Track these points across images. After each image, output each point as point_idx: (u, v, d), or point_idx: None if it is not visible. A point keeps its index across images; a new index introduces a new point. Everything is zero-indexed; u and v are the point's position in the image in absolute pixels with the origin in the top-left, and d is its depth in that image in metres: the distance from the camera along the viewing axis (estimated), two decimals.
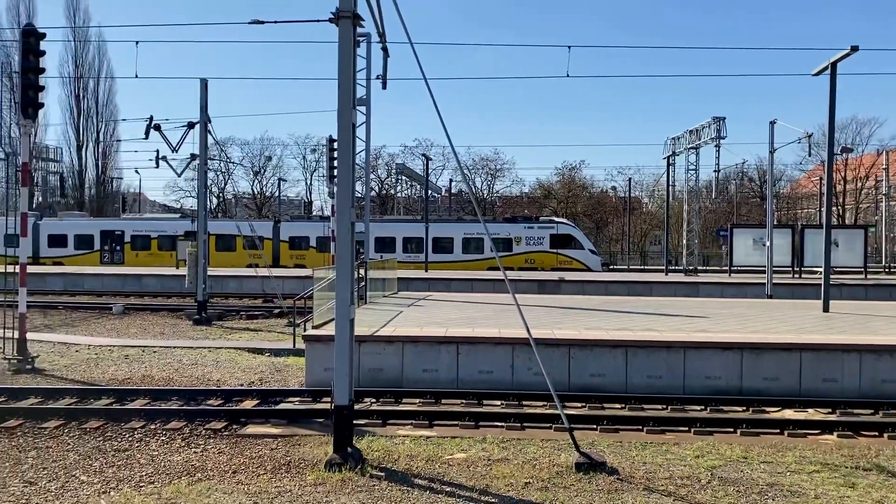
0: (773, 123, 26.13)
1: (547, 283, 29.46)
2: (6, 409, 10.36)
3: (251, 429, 9.84)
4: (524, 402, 11.22)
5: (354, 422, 8.90)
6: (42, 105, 15.15)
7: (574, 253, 39.92)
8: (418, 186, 65.15)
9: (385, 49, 11.32)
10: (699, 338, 12.41)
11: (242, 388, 12.22)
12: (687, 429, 9.97)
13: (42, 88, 14.99)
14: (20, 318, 14.63)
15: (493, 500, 7.26)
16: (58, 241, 43.17)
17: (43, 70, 14.91)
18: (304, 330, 13.63)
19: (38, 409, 10.40)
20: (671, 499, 7.36)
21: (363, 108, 9.07)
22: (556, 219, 45.13)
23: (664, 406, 11.14)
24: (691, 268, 36.85)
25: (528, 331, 8.97)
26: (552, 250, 39.83)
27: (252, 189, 73.87)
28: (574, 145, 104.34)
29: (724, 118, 33.40)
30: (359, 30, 8.68)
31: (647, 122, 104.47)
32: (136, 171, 65.93)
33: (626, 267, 52.66)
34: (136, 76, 25.43)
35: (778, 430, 9.96)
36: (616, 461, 8.51)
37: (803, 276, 33.15)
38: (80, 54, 64.39)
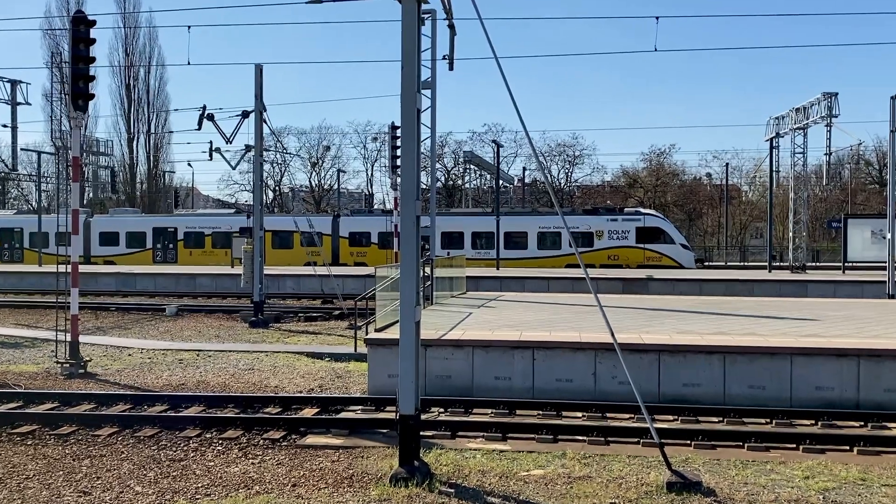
0: (894, 98, 25.01)
1: (633, 282, 29.02)
2: (60, 416, 10.88)
3: (311, 439, 10.05)
4: (608, 414, 11.10)
5: (421, 433, 8.96)
6: (93, 96, 15.81)
7: (663, 248, 39.20)
8: (488, 176, 65.15)
9: (452, 26, 11.38)
10: (809, 343, 12.02)
11: (301, 395, 12.48)
12: (795, 446, 9.68)
13: (93, 78, 15.62)
14: (72, 321, 15.32)
15: None
16: (109, 238, 45.02)
17: (93, 59, 15.54)
18: (366, 333, 13.82)
19: (92, 416, 10.88)
20: None
21: (428, 92, 9.12)
22: (643, 210, 44.41)
23: (768, 420, 10.85)
24: (798, 264, 35.71)
25: (612, 334, 8.86)
26: (638, 245, 39.22)
27: (310, 182, 75.48)
28: (663, 127, 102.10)
29: (837, 94, 32.20)
30: (423, 6, 8.73)
31: (746, 100, 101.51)
32: (189, 164, 68.52)
33: (723, 263, 51.39)
34: (189, 63, 26.26)
35: None
36: (713, 481, 8.33)
37: None
38: (130, 41, 67.01)
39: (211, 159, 26.67)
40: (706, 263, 47.99)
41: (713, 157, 73.75)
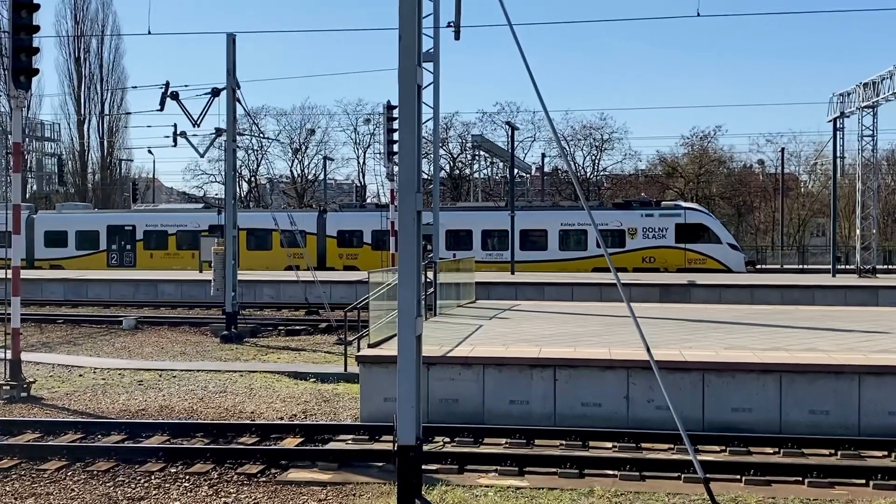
0: None
1: (672, 289, 29.03)
2: None
3: (294, 474, 10.06)
4: (643, 445, 11.09)
5: (424, 467, 8.97)
6: (37, 71, 15.85)
7: (708, 248, 39.20)
8: (501, 164, 65.25)
9: None
10: (880, 360, 11.99)
11: (283, 422, 12.50)
12: (864, 482, 9.68)
13: (36, 51, 15.67)
14: (13, 335, 15.35)
15: None
16: (56, 239, 45.16)
17: (37, 28, 15.58)
18: (358, 349, 13.82)
19: (37, 447, 10.89)
20: None
21: (431, 65, 9.12)
22: (684, 203, 44.41)
23: (832, 451, 10.83)
24: (867, 267, 35.64)
25: (648, 351, 8.86)
26: (678, 245, 39.22)
27: (291, 171, 75.60)
28: (707, 106, 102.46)
29: None
30: None
31: (805, 73, 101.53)
32: (150, 151, 67.99)
33: (778, 266, 51.34)
34: (149, 32, 26.31)
35: None
36: None
37: None
38: (80, 7, 67.41)
39: (175, 145, 26.76)
40: (758, 266, 47.99)
41: (766, 140, 73.71)
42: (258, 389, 15.32)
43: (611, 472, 9.95)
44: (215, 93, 24.01)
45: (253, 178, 75.02)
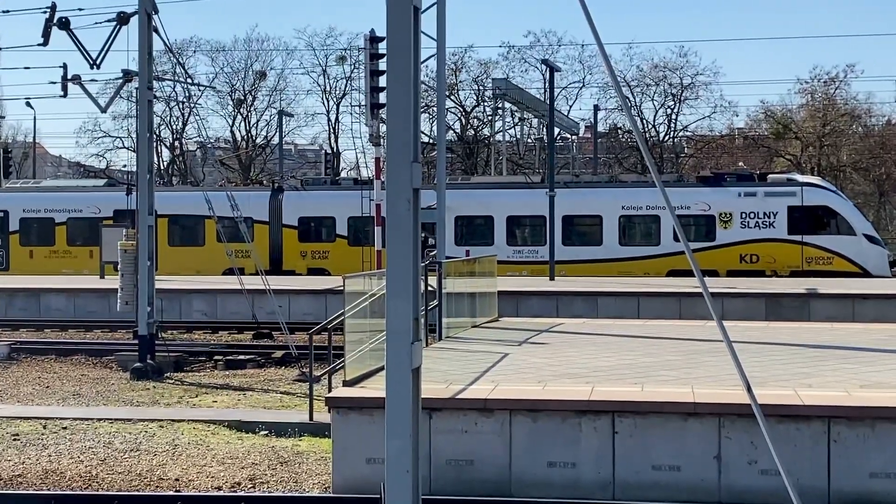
0: None
1: (784, 300, 29.00)
2: None
3: None
4: None
5: None
6: None
7: (835, 241, 39.03)
8: (535, 121, 65.28)
9: None
10: None
11: (221, 493, 12.52)
12: None
13: None
14: None
15: None
16: None
17: None
18: (330, 389, 13.84)
19: None
20: None
21: None
22: (800, 177, 44.23)
23: None
24: None
25: (749, 390, 8.82)
26: (792, 237, 39.08)
27: (232, 132, 75.77)
28: (834, 36, 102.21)
29: None
30: None
31: None
32: (28, 104, 67.87)
33: None
34: None
35: None
36: None
37: None
38: None
39: (65, 95, 26.62)
40: None
41: None
42: (186, 446, 15.35)
43: None
44: (123, 19, 24.01)
45: (178, 143, 75.27)
